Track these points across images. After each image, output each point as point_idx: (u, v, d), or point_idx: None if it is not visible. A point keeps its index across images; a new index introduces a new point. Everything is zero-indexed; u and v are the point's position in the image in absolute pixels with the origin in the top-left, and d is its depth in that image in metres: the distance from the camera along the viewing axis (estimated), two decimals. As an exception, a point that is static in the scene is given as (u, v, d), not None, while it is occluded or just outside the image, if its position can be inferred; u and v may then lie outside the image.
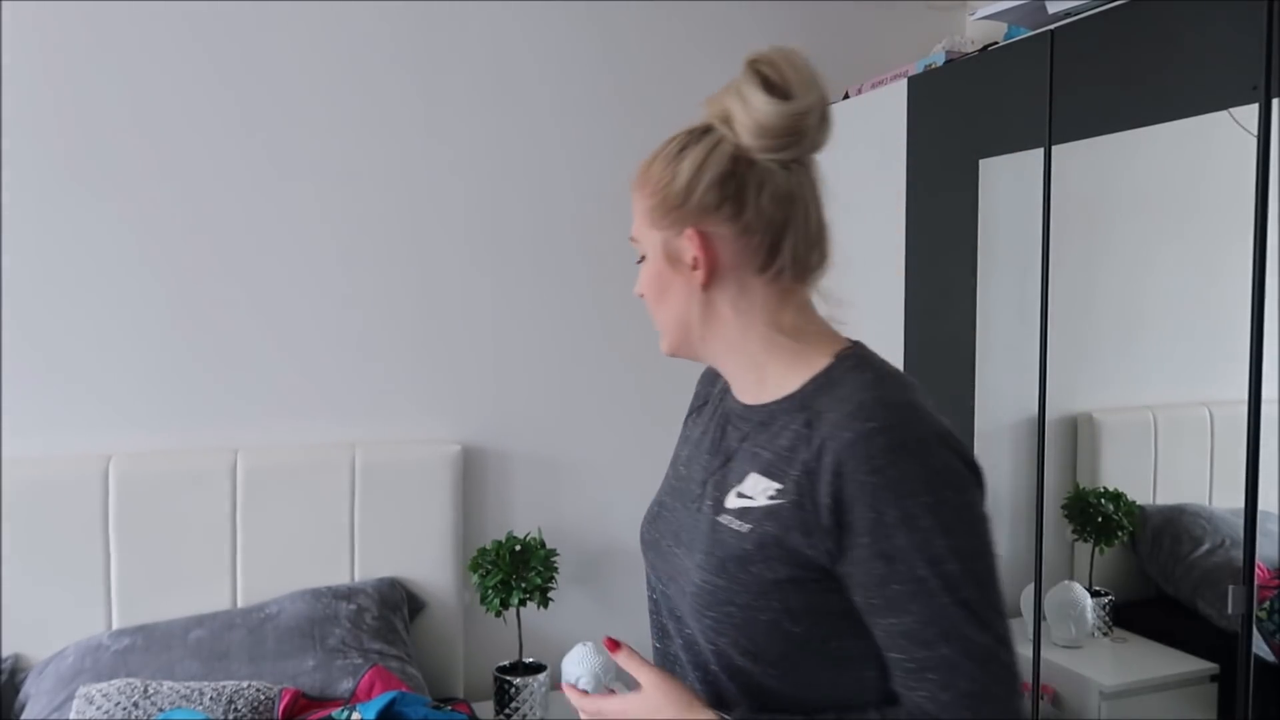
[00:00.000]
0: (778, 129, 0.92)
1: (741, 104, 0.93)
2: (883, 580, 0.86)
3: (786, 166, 0.95)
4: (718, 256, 0.95)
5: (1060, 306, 2.14)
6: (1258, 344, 1.67)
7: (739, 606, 0.91)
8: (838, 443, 0.87)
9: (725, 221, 0.95)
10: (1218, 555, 2.01)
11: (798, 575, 0.89)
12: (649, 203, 0.98)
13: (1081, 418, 2.24)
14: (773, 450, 0.94)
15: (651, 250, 0.99)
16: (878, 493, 0.85)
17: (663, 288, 0.99)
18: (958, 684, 0.85)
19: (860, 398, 0.90)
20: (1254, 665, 1.72)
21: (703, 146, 0.96)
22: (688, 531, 1.00)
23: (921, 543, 0.84)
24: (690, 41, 2.68)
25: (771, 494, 0.91)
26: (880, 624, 0.88)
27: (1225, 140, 1.71)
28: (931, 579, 0.84)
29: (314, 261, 2.40)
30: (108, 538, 2.18)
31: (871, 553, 0.86)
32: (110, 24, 2.22)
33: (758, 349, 0.98)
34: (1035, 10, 2.08)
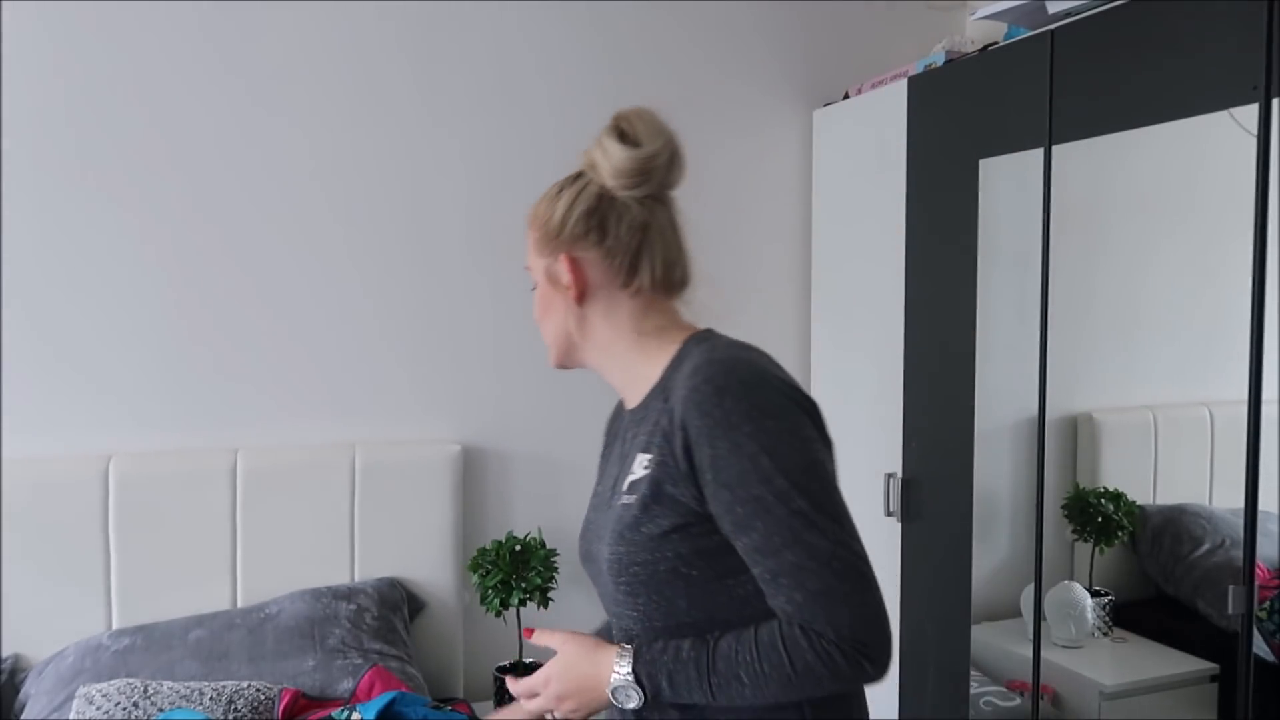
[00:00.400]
0: (630, 170, 1.13)
1: (602, 152, 1.15)
2: (729, 506, 1.01)
3: (641, 202, 1.15)
4: (587, 276, 1.15)
5: (1060, 306, 2.14)
6: (1258, 344, 1.67)
7: (641, 565, 1.07)
8: (679, 402, 1.05)
9: (592, 247, 1.15)
10: (1218, 555, 2.01)
11: (680, 523, 1.05)
12: (534, 236, 1.19)
13: (1081, 418, 2.24)
14: (645, 432, 1.11)
15: (538, 276, 1.20)
16: (710, 432, 1.01)
17: (546, 306, 1.19)
18: (807, 584, 0.99)
19: (696, 361, 1.08)
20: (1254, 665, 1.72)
21: (574, 188, 1.17)
22: (602, 527, 1.15)
23: (751, 466, 0.99)
24: (691, 42, 2.68)
25: (645, 464, 1.08)
26: (739, 546, 1.03)
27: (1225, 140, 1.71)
28: (766, 496, 0.99)
29: (314, 261, 2.40)
30: (108, 538, 2.18)
31: (717, 484, 1.01)
32: (111, 23, 2.22)
33: (627, 352, 1.17)
34: (1035, 10, 2.08)
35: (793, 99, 2.78)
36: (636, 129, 1.15)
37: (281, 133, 2.36)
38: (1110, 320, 2.24)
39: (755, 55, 2.74)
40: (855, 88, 2.67)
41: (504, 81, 2.53)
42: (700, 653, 1.04)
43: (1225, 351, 1.77)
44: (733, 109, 2.72)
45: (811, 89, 2.80)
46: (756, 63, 2.74)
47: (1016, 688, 2.23)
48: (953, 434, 2.27)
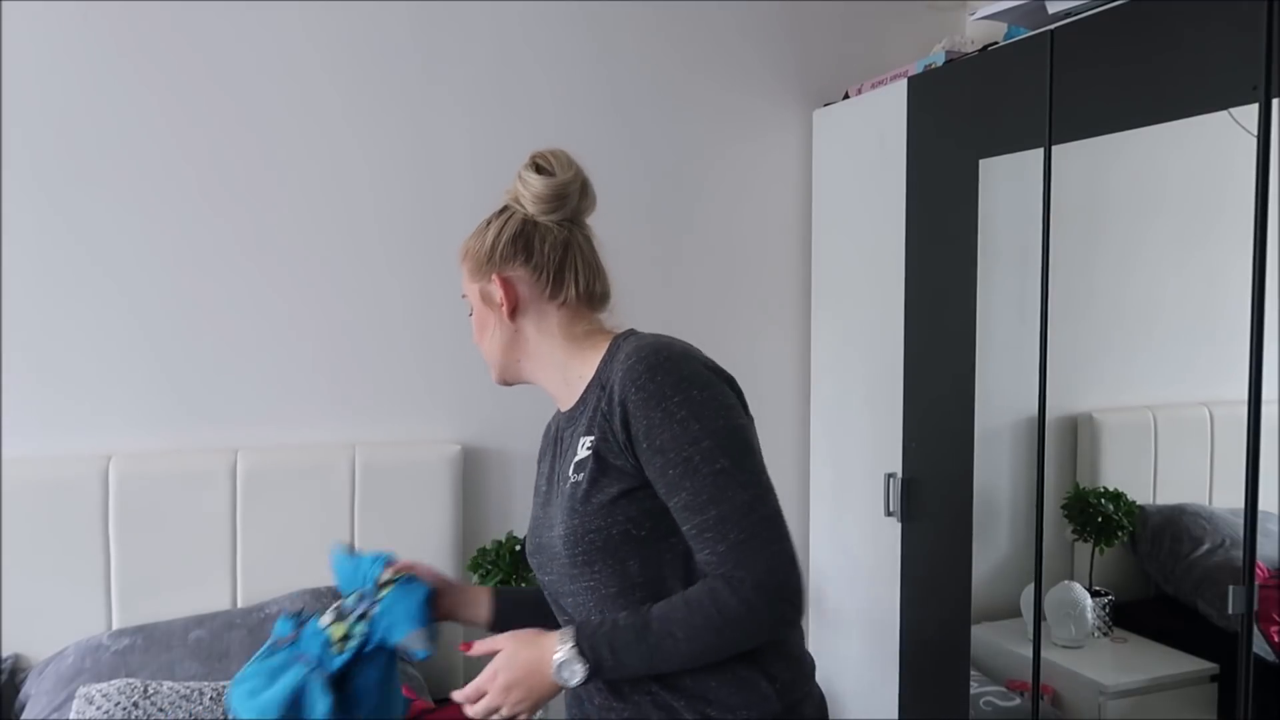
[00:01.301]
0: (548, 196, 1.28)
1: (523, 184, 1.31)
2: (662, 469, 1.13)
3: (560, 224, 1.30)
4: (518, 292, 1.29)
5: (1060, 306, 2.14)
6: (1258, 344, 1.67)
7: (595, 531, 1.17)
8: (617, 381, 1.17)
9: (520, 266, 1.29)
10: (1218, 555, 2.01)
11: (626, 488, 1.16)
12: (468, 266, 1.33)
13: (1081, 418, 2.24)
14: (586, 419, 1.22)
15: (473, 299, 1.33)
16: (645, 403, 1.14)
17: (482, 326, 1.33)
18: (728, 536, 1.10)
19: (627, 349, 1.21)
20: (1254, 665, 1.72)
21: (501, 219, 1.32)
22: (553, 516, 1.25)
23: (680, 431, 1.12)
24: (692, 42, 2.68)
25: (588, 444, 1.19)
26: (672, 508, 1.14)
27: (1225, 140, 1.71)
28: (694, 457, 1.11)
29: (314, 262, 2.40)
30: (108, 538, 2.18)
31: (651, 450, 1.13)
32: (110, 23, 2.22)
33: (561, 357, 1.29)
34: (1035, 10, 2.08)
35: (793, 99, 2.79)
36: (551, 162, 1.31)
37: (282, 133, 2.36)
38: (1110, 320, 2.24)
39: (755, 55, 2.74)
40: (855, 88, 2.67)
41: (505, 83, 2.53)
42: (635, 618, 1.14)
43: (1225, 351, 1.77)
44: (733, 109, 2.72)
45: (811, 89, 2.80)
46: (757, 63, 2.74)
47: (1016, 688, 2.23)
48: (953, 434, 2.27)
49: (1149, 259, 2.19)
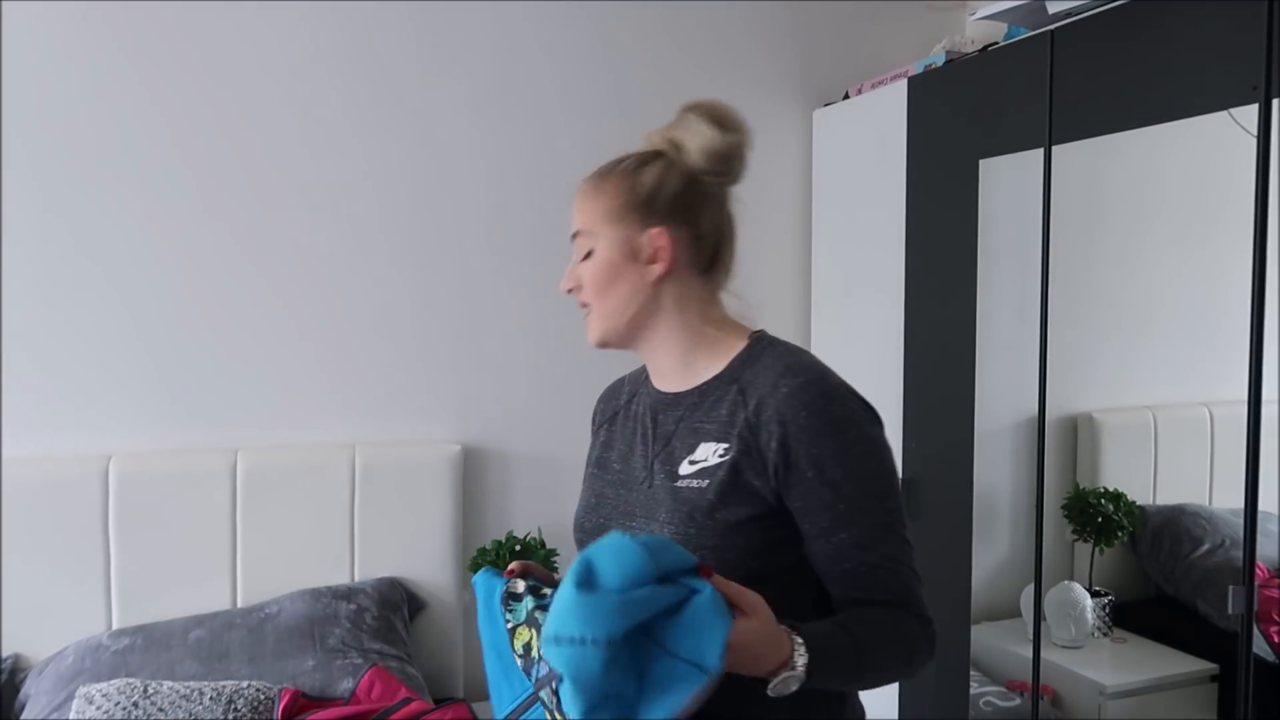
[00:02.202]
0: (722, 155, 1.14)
1: (692, 134, 1.15)
2: (829, 503, 1.05)
3: (724, 191, 1.17)
4: (675, 255, 1.13)
5: (1060, 306, 2.14)
6: (1258, 344, 1.67)
7: (710, 549, 1.06)
8: (776, 398, 1.07)
9: (684, 226, 1.13)
10: (1218, 555, 2.01)
11: (755, 514, 1.07)
12: (611, 203, 1.14)
13: (1081, 418, 2.24)
14: (713, 421, 1.11)
15: (606, 244, 1.14)
16: (817, 432, 1.05)
17: (612, 279, 1.14)
18: (901, 574, 1.06)
19: (784, 363, 1.10)
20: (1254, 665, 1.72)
21: (659, 165, 1.15)
22: (642, 506, 1.14)
23: (857, 467, 1.05)
24: (692, 42, 2.68)
25: (720, 453, 1.09)
26: (831, 542, 1.05)
27: (1225, 140, 1.71)
28: (867, 494, 1.05)
29: (314, 262, 2.40)
30: (108, 538, 2.18)
31: (820, 481, 1.05)
32: (109, 22, 2.22)
33: (688, 339, 1.16)
34: (1035, 10, 2.08)
35: (793, 99, 2.79)
36: (726, 115, 1.16)
37: (282, 133, 2.36)
38: (1110, 320, 2.24)
39: (755, 55, 2.74)
40: (855, 88, 2.67)
41: (506, 83, 2.53)
42: (846, 636, 1.01)
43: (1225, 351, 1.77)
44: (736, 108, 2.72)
45: (811, 89, 2.80)
46: (757, 63, 2.74)
47: (1016, 688, 2.23)
48: (953, 434, 2.27)
49: (1149, 259, 2.19)
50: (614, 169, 1.17)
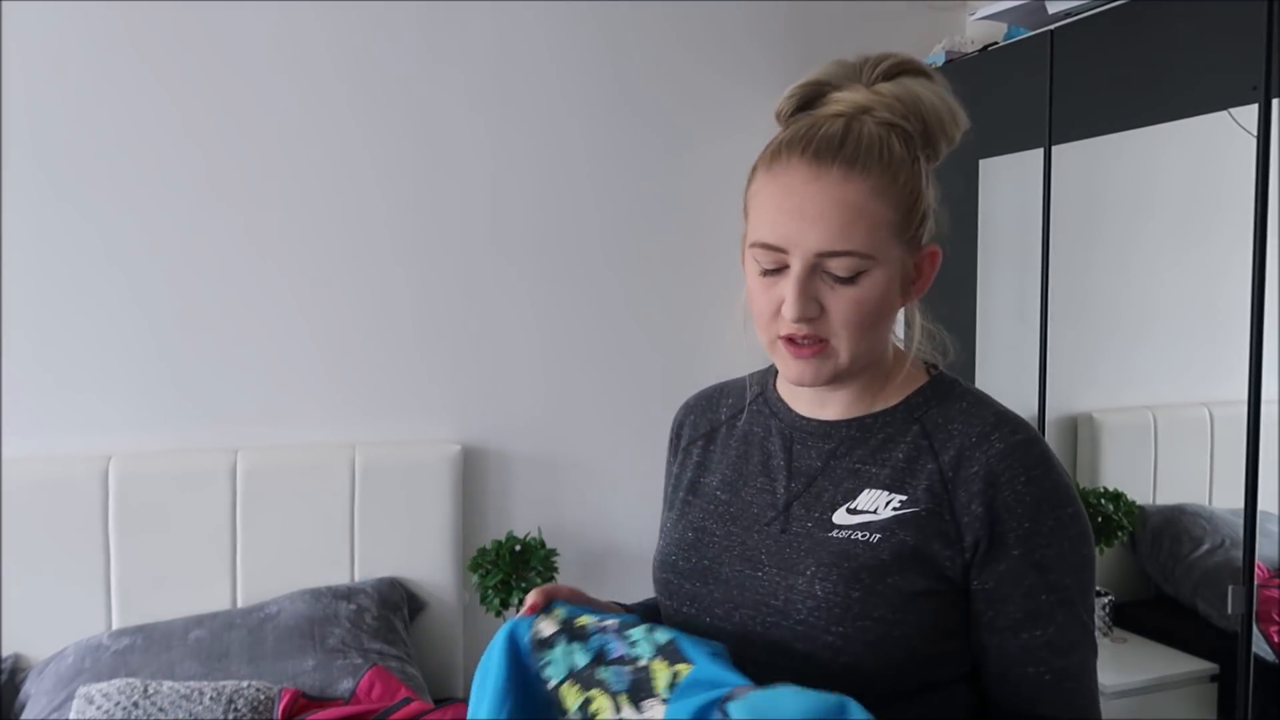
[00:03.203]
0: (958, 131, 0.92)
1: (940, 102, 0.89)
2: (1032, 591, 0.85)
3: None
4: (933, 274, 0.93)
5: (1060, 306, 2.14)
6: (1258, 344, 1.67)
7: (875, 620, 0.85)
8: (986, 454, 0.87)
9: (929, 233, 0.92)
10: (1218, 555, 2.01)
11: (933, 588, 0.86)
12: (897, 215, 0.87)
13: (1081, 418, 2.24)
14: (884, 464, 0.91)
15: (891, 267, 0.88)
16: (1037, 503, 0.85)
17: (889, 309, 0.90)
18: (1086, 692, 0.87)
19: (994, 411, 0.91)
20: (1254, 665, 1.72)
21: (924, 154, 0.90)
22: (772, 554, 0.91)
23: (1069, 551, 0.86)
24: (691, 42, 2.67)
25: (896, 505, 0.88)
26: (1020, 638, 0.86)
27: (1225, 140, 1.71)
28: (1074, 587, 0.86)
29: (314, 261, 2.40)
30: (108, 538, 2.18)
31: (1027, 563, 0.85)
32: (113, 20, 2.22)
33: (880, 365, 0.95)
34: (1035, 10, 2.08)
35: (793, 99, 2.78)
36: (945, 85, 0.92)
37: (283, 132, 2.36)
38: (1110, 320, 2.24)
39: (755, 55, 2.74)
40: (855, 88, 2.67)
41: (509, 82, 2.52)
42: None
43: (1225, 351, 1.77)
44: (732, 109, 2.72)
45: (811, 89, 2.79)
46: (756, 63, 2.74)
47: (1016, 688, 2.23)
48: (953, 434, 2.26)
49: (1149, 259, 2.19)
50: (890, 153, 0.86)
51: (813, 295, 0.86)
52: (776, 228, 0.87)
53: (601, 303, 2.62)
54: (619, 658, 0.84)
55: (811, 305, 0.86)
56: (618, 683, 0.81)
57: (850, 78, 0.90)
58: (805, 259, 0.85)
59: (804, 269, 0.86)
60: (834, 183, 0.85)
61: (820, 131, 0.87)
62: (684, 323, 2.68)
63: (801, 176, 0.86)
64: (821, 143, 0.86)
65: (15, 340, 2.19)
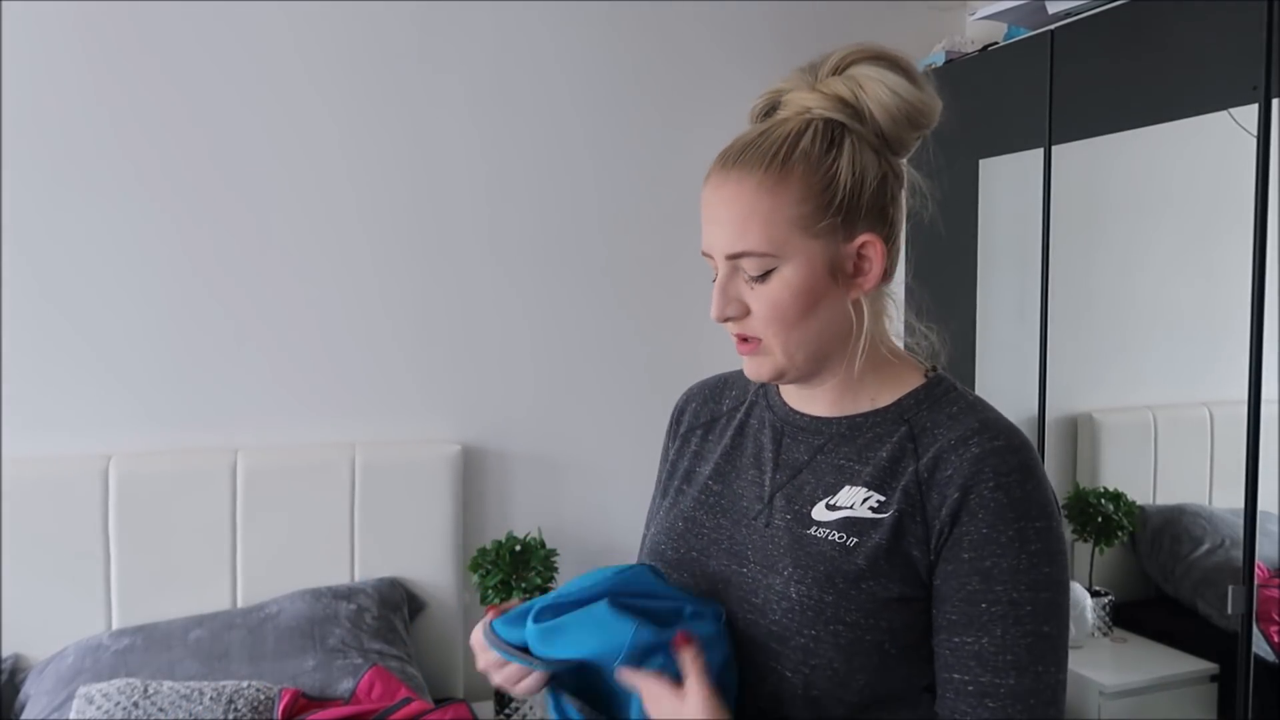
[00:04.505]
0: (923, 121, 0.91)
1: (887, 91, 0.88)
2: (974, 597, 0.83)
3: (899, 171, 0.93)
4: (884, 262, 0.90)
5: (1060, 306, 2.14)
6: (1258, 344, 1.67)
7: (848, 625, 0.85)
8: (962, 457, 0.85)
9: (884, 227, 0.90)
10: (1218, 555, 2.01)
11: (907, 594, 0.86)
12: (800, 209, 0.86)
13: (1081, 418, 2.24)
14: (868, 463, 0.90)
15: (803, 261, 0.87)
16: (1000, 511, 0.83)
17: (814, 303, 0.89)
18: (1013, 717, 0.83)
19: (980, 416, 0.89)
20: (1254, 665, 1.72)
21: (850, 145, 0.88)
22: (756, 549, 0.92)
23: (1027, 566, 0.83)
24: (690, 42, 2.67)
25: (874, 505, 0.87)
26: (952, 641, 0.85)
27: (1225, 140, 1.71)
28: (1025, 604, 0.82)
29: (314, 261, 2.40)
30: (108, 538, 2.18)
31: (971, 568, 0.83)
32: (109, 21, 2.22)
33: (863, 362, 0.92)
34: (1035, 10, 2.08)
35: (793, 99, 2.79)
36: (908, 63, 0.90)
37: (282, 132, 2.36)
38: (1110, 320, 2.24)
39: (755, 55, 2.74)
40: (855, 88, 2.67)
41: (506, 81, 2.52)
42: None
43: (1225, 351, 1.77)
44: (732, 110, 2.70)
45: (811, 89, 2.80)
46: (756, 63, 2.74)
47: (1016, 688, 2.23)
48: (953, 434, 2.26)
49: (1149, 259, 2.19)
50: (789, 151, 0.87)
51: (734, 296, 0.90)
52: (703, 236, 0.92)
53: (601, 302, 2.62)
54: None
55: (731, 305, 0.90)
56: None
57: (802, 79, 0.93)
58: (722, 263, 0.90)
59: (723, 272, 0.90)
60: (730, 186, 0.89)
61: (739, 141, 0.92)
62: (684, 322, 2.68)
63: (713, 184, 0.91)
64: (731, 150, 0.91)
65: (15, 340, 2.19)
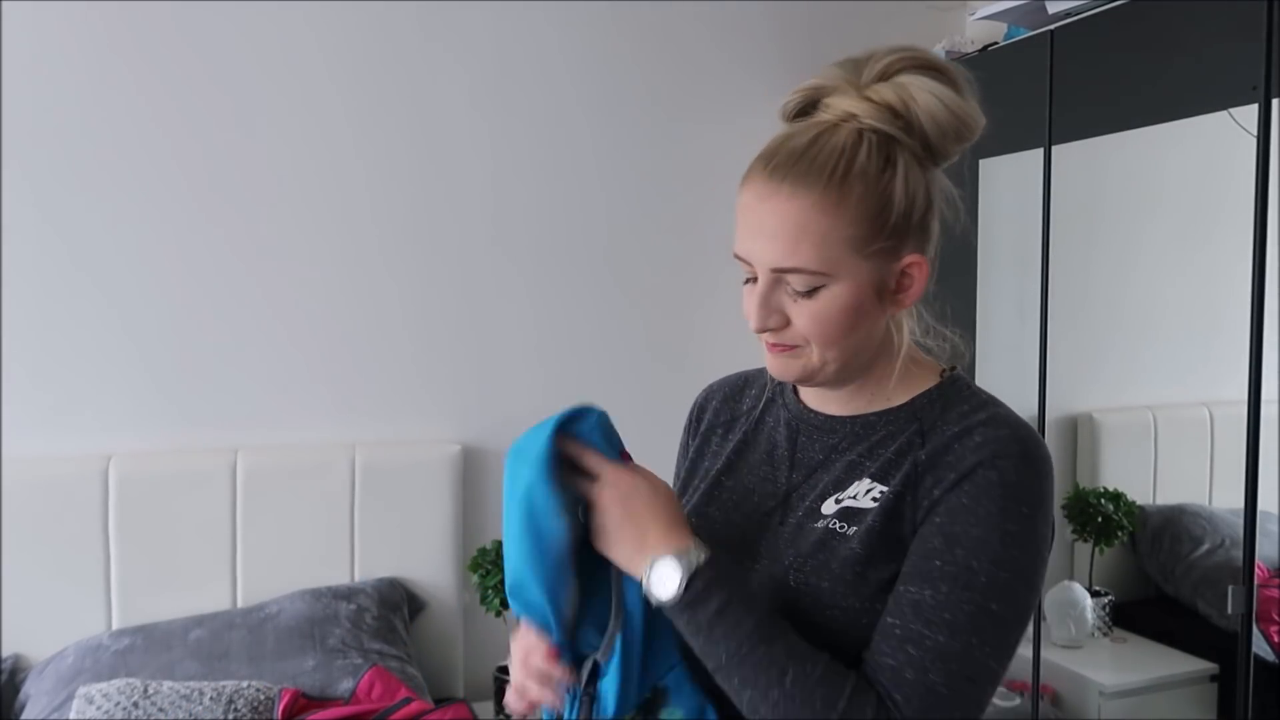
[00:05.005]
0: (969, 131, 0.87)
1: (933, 99, 0.84)
2: (929, 553, 0.83)
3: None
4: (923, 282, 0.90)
5: (1060, 306, 2.14)
6: (1258, 344, 1.67)
7: (843, 610, 0.86)
8: (964, 445, 0.86)
9: (928, 244, 0.90)
10: (1218, 555, 2.02)
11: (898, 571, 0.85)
12: (857, 230, 0.84)
13: (1081, 418, 2.24)
14: (878, 458, 0.91)
15: (854, 281, 0.86)
16: (988, 487, 0.83)
17: (860, 320, 0.88)
18: (929, 674, 0.80)
19: (989, 412, 0.89)
20: (1254, 665, 1.72)
21: (904, 161, 0.85)
22: (769, 548, 0.93)
23: (996, 542, 0.82)
24: (690, 42, 2.67)
25: (876, 495, 0.88)
26: (897, 590, 0.84)
27: (1225, 140, 1.71)
28: (979, 574, 0.81)
29: (314, 261, 2.40)
30: (108, 538, 2.18)
31: (938, 530, 0.83)
32: (107, 22, 2.22)
33: (885, 367, 0.93)
34: (1035, 10, 2.08)
35: (793, 99, 2.79)
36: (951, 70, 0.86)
37: (281, 132, 2.36)
38: (1110, 320, 2.25)
39: (754, 55, 2.74)
40: (855, 88, 2.67)
41: (506, 81, 2.52)
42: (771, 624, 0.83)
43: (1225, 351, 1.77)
44: (732, 110, 2.72)
45: (811, 89, 2.80)
46: (755, 63, 2.74)
47: (1016, 688, 2.23)
48: (953, 434, 2.26)
49: (1149, 259, 2.19)
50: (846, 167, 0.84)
51: (776, 307, 0.88)
52: (741, 242, 0.89)
53: (602, 302, 2.62)
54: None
55: (773, 317, 0.88)
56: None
57: (846, 80, 0.88)
58: (765, 274, 0.87)
59: (765, 283, 0.88)
60: (783, 200, 0.85)
61: (786, 145, 0.88)
62: (685, 322, 2.68)
63: (758, 193, 0.87)
64: (781, 157, 0.87)
65: (15, 340, 2.19)
